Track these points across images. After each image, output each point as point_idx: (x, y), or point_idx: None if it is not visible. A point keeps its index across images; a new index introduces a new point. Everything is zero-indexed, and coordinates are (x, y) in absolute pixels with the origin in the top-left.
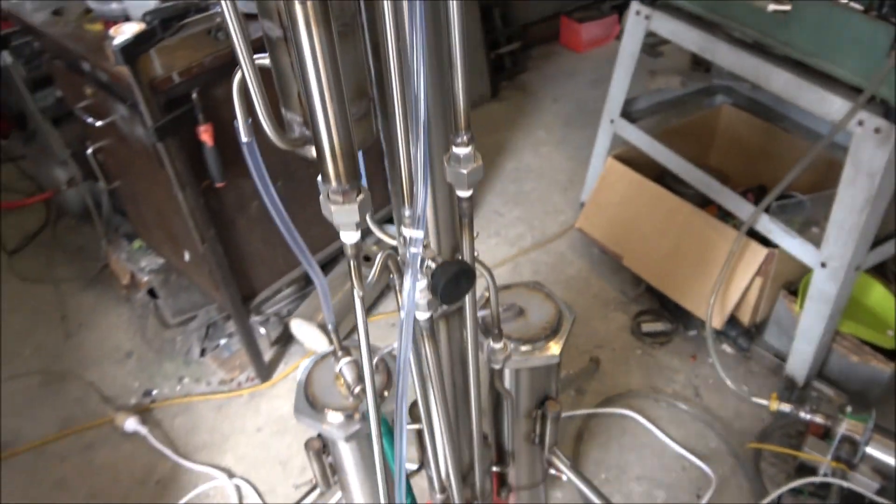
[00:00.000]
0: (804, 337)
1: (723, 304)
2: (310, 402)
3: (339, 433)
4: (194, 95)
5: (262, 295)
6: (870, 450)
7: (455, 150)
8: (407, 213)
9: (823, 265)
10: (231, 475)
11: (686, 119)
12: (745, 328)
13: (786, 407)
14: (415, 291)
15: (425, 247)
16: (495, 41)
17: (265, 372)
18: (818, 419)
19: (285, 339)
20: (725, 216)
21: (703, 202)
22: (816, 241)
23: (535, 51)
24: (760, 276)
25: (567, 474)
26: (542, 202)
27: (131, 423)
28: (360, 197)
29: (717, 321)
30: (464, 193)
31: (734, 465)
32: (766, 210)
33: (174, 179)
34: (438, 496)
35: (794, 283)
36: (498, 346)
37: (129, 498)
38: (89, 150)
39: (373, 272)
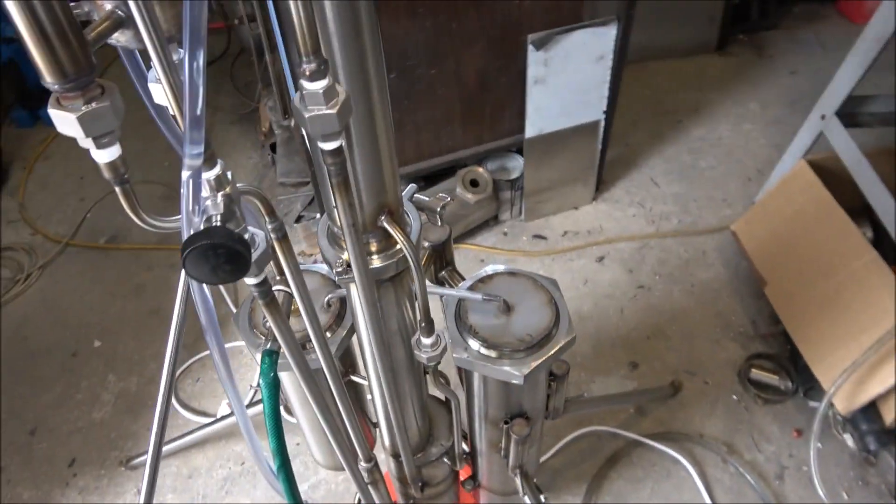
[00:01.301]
0: None
1: (862, 386)
2: (251, 322)
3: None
4: None
5: None
6: None
7: (305, 84)
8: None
9: None
10: None
11: None
12: (882, 427)
13: None
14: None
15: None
16: None
17: None
18: None
19: None
20: None
21: None
22: None
23: (798, 7)
24: None
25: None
26: (713, 186)
27: None
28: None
29: (844, 404)
30: (327, 145)
31: None
32: None
33: (264, 37)
34: (393, 463)
35: None
36: (427, 340)
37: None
38: None
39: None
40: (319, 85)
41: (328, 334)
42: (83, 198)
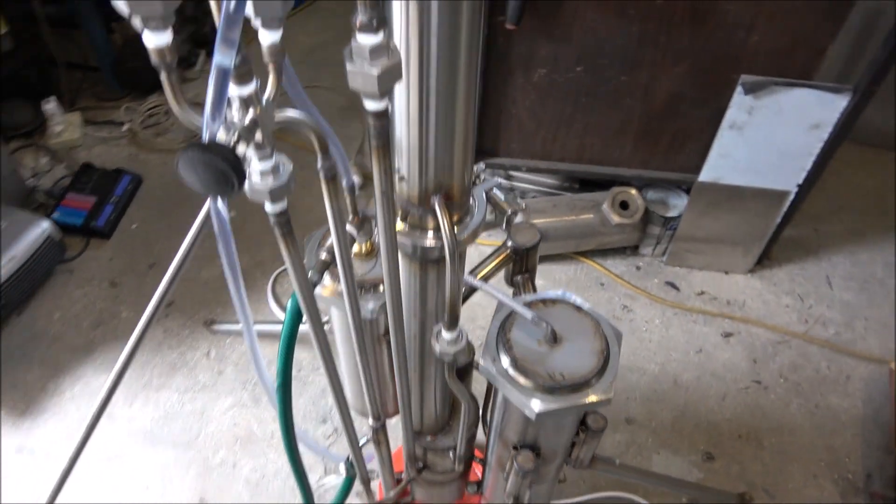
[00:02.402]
0: None
1: None
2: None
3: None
4: None
5: (499, 160)
6: None
7: (357, 34)
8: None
9: None
10: None
11: None
12: None
13: None
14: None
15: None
16: None
17: None
18: None
19: None
20: None
21: None
22: None
23: None
24: None
25: None
26: (893, 311)
27: None
28: None
29: None
30: (370, 104)
31: None
32: None
33: None
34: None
35: None
36: (447, 335)
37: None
38: None
39: None
40: (368, 39)
41: (379, 288)
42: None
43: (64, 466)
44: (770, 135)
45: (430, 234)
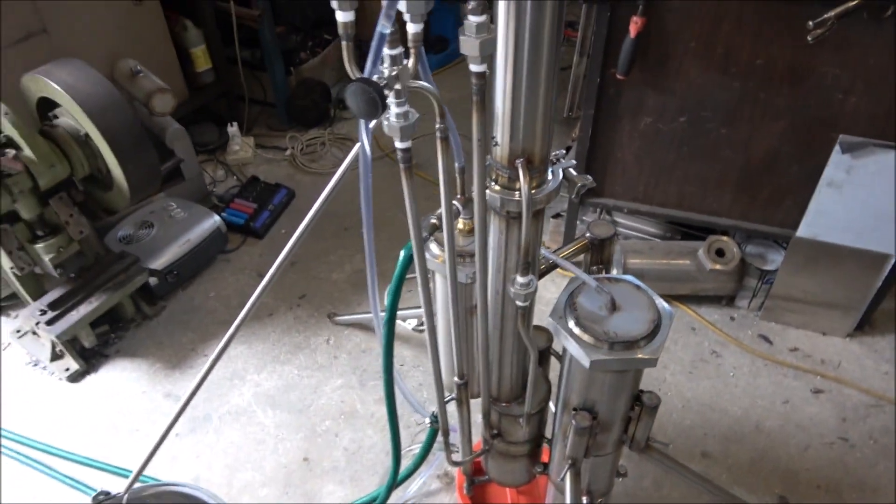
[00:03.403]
0: None
1: None
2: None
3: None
4: None
5: (602, 200)
6: None
7: (470, 17)
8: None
9: None
10: None
11: None
12: None
13: None
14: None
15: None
16: None
17: None
18: None
19: None
20: None
21: None
22: None
23: None
24: None
25: None
26: None
27: None
28: None
29: None
30: (474, 67)
31: None
32: None
33: (579, 42)
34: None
35: None
36: (523, 279)
37: None
38: None
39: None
40: (476, 19)
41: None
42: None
43: (182, 401)
44: (869, 195)
45: (515, 194)
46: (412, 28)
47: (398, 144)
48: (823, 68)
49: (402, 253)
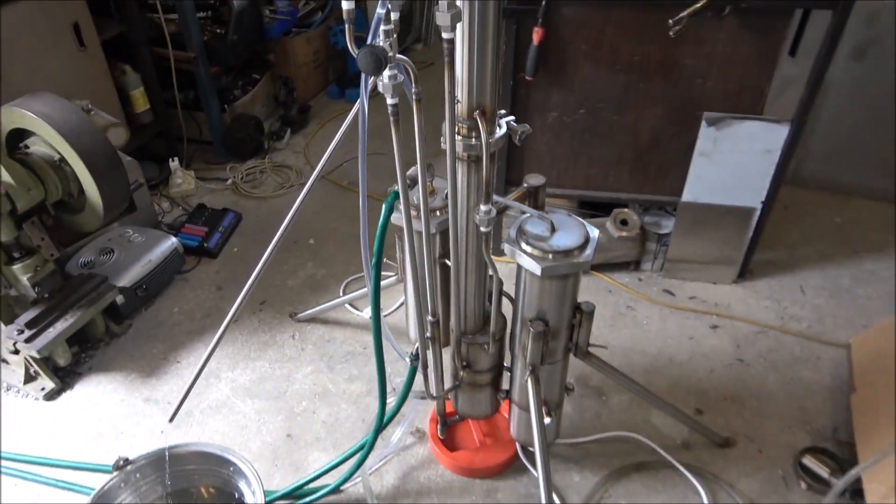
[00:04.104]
0: None
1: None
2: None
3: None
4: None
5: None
6: None
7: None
8: None
9: None
10: None
11: None
12: None
13: None
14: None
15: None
16: None
17: None
18: None
19: None
20: None
21: None
22: None
23: None
24: None
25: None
26: (860, 313)
27: None
28: None
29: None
30: (445, 34)
31: None
32: None
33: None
34: (452, 339)
35: None
36: (485, 207)
37: None
38: None
39: None
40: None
41: (439, 213)
42: (346, 153)
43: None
44: (732, 160)
45: (474, 140)
46: (393, 16)
47: (389, 101)
48: (685, 59)
49: (386, 200)
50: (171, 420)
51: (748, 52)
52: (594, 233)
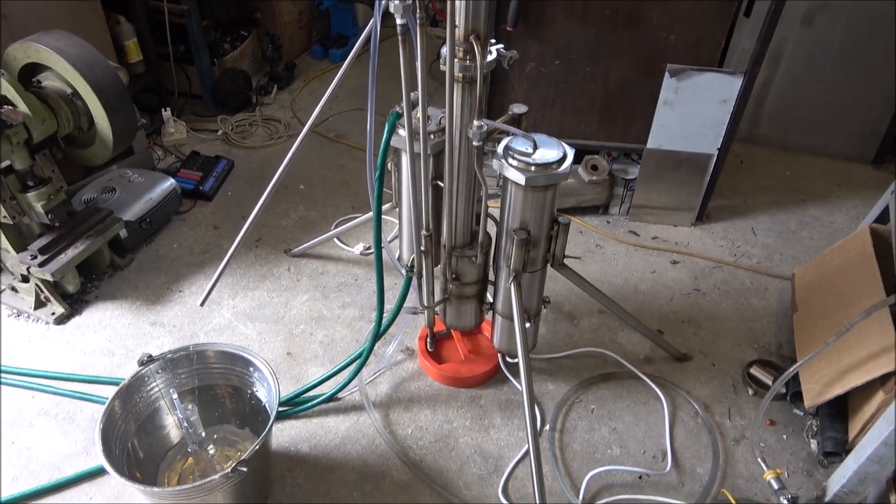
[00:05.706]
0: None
1: (829, 388)
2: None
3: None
4: None
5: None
6: None
7: None
8: None
9: None
10: None
11: None
12: (844, 438)
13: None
14: None
15: None
16: None
17: None
18: None
19: None
20: None
21: None
22: None
23: None
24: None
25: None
26: (804, 251)
27: None
28: None
29: (811, 401)
30: None
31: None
32: None
33: None
34: (443, 254)
35: None
36: (478, 122)
37: None
38: None
39: None
40: None
41: (433, 137)
42: (332, 107)
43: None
44: (692, 109)
45: (468, 62)
46: None
47: (398, 21)
48: (650, 13)
49: (388, 119)
50: (203, 304)
51: (707, 9)
52: (571, 151)
